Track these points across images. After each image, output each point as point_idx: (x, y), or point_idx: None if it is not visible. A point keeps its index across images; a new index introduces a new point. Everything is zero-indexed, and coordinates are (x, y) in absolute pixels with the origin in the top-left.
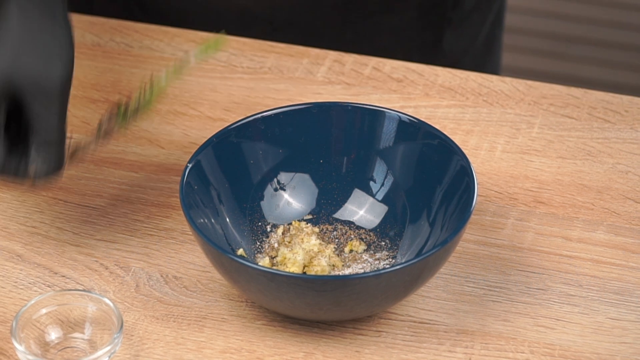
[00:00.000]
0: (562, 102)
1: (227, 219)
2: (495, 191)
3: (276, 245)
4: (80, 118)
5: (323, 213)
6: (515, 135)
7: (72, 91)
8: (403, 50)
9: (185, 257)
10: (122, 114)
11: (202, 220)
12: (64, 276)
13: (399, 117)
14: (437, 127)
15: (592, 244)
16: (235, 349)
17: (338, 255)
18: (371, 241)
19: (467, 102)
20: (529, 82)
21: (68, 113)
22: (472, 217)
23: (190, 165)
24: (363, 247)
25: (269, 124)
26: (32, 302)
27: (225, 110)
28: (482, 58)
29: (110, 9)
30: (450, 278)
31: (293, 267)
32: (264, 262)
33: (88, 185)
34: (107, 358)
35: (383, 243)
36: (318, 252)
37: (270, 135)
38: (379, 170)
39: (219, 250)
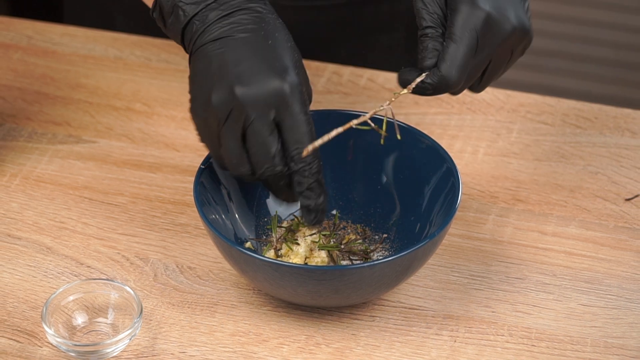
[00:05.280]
0: (538, 110)
1: (236, 215)
2: (478, 190)
3: (280, 238)
4: (104, 124)
5: None
6: (496, 139)
7: (96, 99)
8: (392, 66)
9: (199, 249)
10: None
11: (213, 216)
12: (89, 266)
13: (392, 123)
14: (425, 132)
15: (565, 238)
16: (243, 332)
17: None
18: (366, 235)
19: (453, 109)
20: (508, 92)
21: (92, 119)
22: (457, 213)
23: (203, 167)
24: (359, 240)
25: None
26: (61, 290)
27: None
28: None
29: (131, 24)
30: (437, 268)
31: (295, 259)
32: (269, 254)
33: (111, 184)
34: (128, 340)
35: (377, 237)
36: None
37: None
38: (374, 171)
39: (229, 243)
